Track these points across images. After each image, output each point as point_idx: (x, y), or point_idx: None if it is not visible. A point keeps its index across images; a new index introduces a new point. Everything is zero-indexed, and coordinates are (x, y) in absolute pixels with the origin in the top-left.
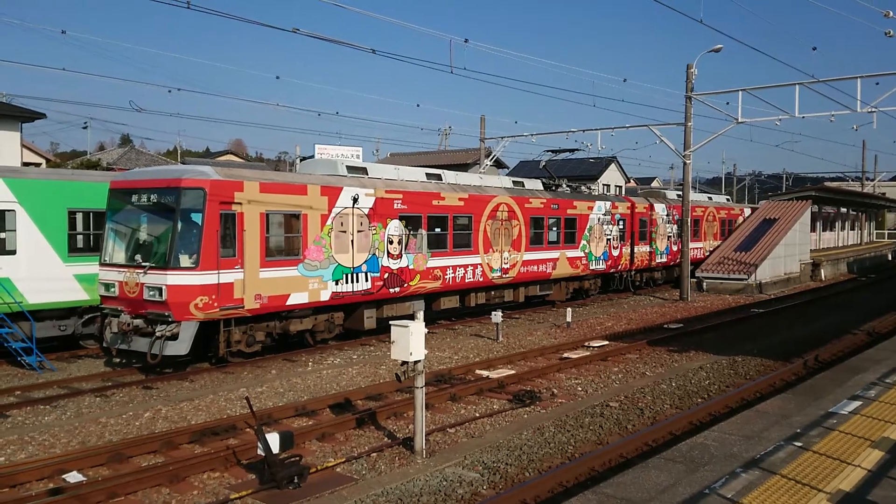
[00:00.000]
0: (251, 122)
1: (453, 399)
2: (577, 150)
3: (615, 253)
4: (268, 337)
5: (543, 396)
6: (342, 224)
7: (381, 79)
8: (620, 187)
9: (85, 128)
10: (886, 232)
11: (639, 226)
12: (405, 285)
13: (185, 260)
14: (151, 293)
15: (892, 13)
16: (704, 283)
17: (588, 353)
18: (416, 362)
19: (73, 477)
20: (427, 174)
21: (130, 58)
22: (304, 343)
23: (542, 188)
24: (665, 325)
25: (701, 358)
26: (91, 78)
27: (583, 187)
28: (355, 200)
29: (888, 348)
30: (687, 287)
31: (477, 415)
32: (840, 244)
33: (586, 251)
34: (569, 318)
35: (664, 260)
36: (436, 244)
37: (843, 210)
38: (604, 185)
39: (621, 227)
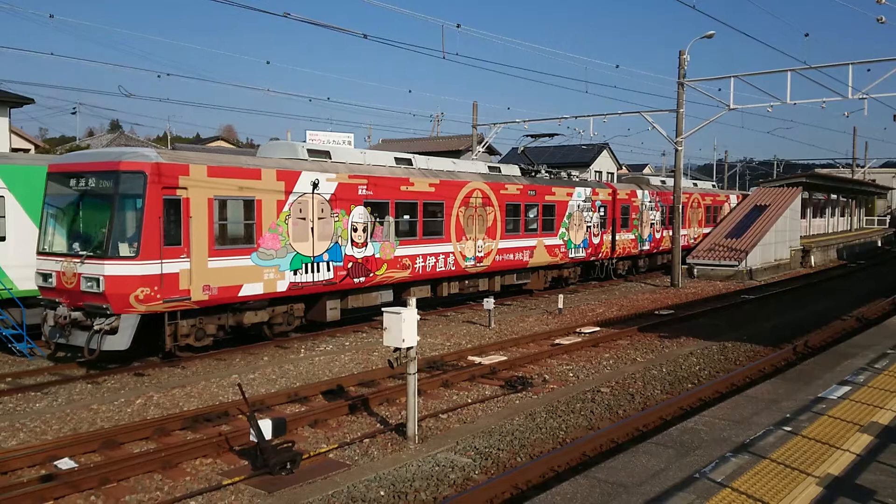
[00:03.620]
0: (242, 107)
1: (445, 385)
2: (556, 134)
3: (596, 240)
4: (220, 330)
5: (535, 382)
6: (301, 211)
7: (372, 64)
8: (612, 174)
9: (74, 113)
10: (876, 218)
11: (620, 213)
12: (371, 275)
13: (124, 249)
14: (89, 284)
15: (883, 0)
16: (695, 270)
17: (579, 340)
18: (408, 349)
19: (65, 463)
20: (396, 158)
21: (120, 43)
22: (262, 336)
23: (519, 174)
24: (656, 312)
25: (691, 344)
26: (80, 63)
27: (562, 173)
28: (315, 186)
29: (877, 334)
30: (678, 273)
31: (469, 401)
32: (830, 231)
33: (565, 239)
34: (560, 305)
35: (647, 247)
36: (405, 232)
37: (834, 197)
38: (596, 171)
39: (602, 214)
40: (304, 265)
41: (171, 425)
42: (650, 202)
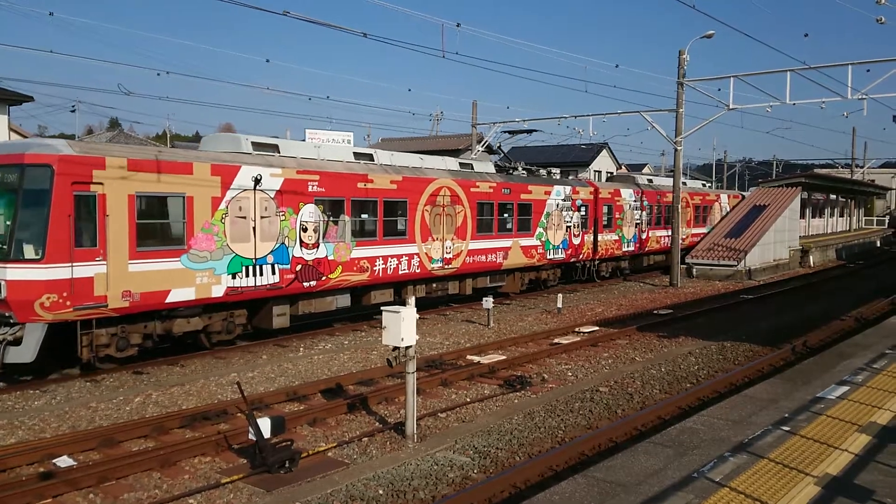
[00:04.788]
0: (241, 105)
1: (444, 384)
2: (534, 130)
3: (576, 241)
4: (147, 339)
5: (534, 381)
6: (241, 209)
7: (372, 63)
8: (612, 173)
9: (73, 111)
10: (875, 219)
11: (603, 212)
12: (324, 278)
13: (29, 250)
14: None
15: (884, 0)
16: (694, 270)
17: (578, 339)
18: (407, 348)
19: (64, 461)
20: (356, 153)
21: (119, 40)
22: (199, 346)
23: (493, 171)
24: (655, 311)
25: (690, 343)
26: (79, 61)
27: (541, 171)
28: (257, 181)
29: (876, 334)
30: (677, 273)
31: (468, 400)
32: (829, 231)
33: (543, 239)
34: (559, 305)
35: (631, 248)
36: (362, 232)
37: (833, 197)
38: (595, 171)
39: (583, 213)
40: (244, 268)
41: (169, 423)
42: (635, 202)
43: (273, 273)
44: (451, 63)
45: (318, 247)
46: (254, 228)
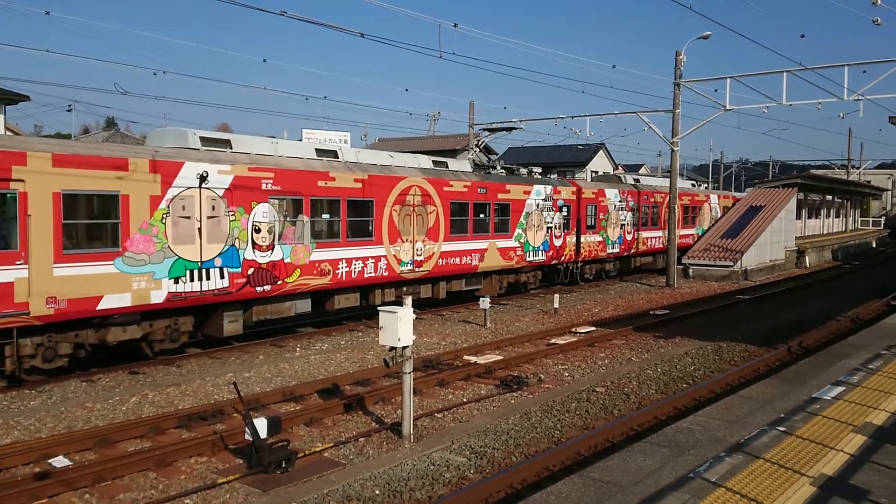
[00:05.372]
0: (238, 105)
1: (441, 384)
2: (514, 128)
3: (558, 243)
4: (79, 349)
5: (531, 382)
6: (184, 208)
7: (369, 63)
8: (608, 174)
9: (69, 110)
10: (871, 219)
11: (586, 213)
12: (280, 282)
13: None
14: None
15: (880, 1)
16: (691, 270)
17: (575, 339)
18: (404, 348)
19: (60, 461)
20: (318, 150)
21: (116, 40)
22: (142, 355)
23: (470, 170)
24: (651, 312)
25: (686, 344)
26: (75, 60)
27: (521, 170)
28: (203, 179)
29: (871, 334)
30: (673, 274)
31: (464, 400)
32: (825, 231)
33: (522, 241)
34: (556, 305)
35: (617, 250)
36: (324, 233)
37: (829, 198)
38: (592, 171)
39: (565, 214)
40: (188, 272)
41: (165, 424)
42: (620, 202)
43: (222, 277)
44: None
45: (272, 249)
46: (199, 229)
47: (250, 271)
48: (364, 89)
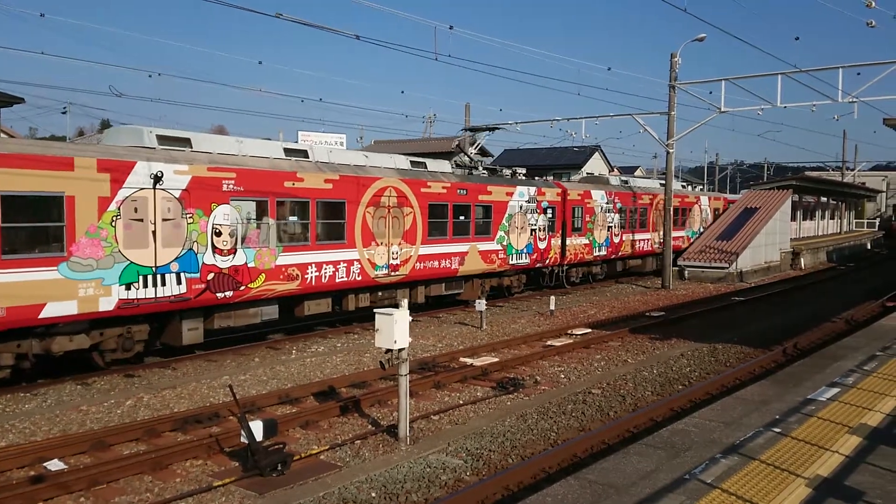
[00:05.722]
0: (234, 107)
1: (437, 386)
2: (496, 128)
3: (542, 245)
4: (22, 360)
5: (527, 384)
6: (137, 210)
7: (365, 65)
8: (614, 177)
9: (64, 112)
10: (866, 221)
11: (572, 215)
12: (243, 288)
13: None
14: None
15: (874, 4)
16: (686, 272)
17: (571, 341)
18: (400, 350)
19: (55, 465)
20: (287, 149)
21: (111, 42)
22: (94, 365)
23: (450, 170)
24: (647, 313)
25: (682, 345)
26: (70, 62)
27: (504, 171)
28: (158, 179)
29: (866, 336)
30: (668, 275)
31: (461, 402)
32: (820, 233)
33: (504, 244)
34: (552, 307)
35: (603, 253)
36: (291, 236)
37: (824, 199)
38: (588, 173)
39: (550, 216)
40: (141, 277)
41: (161, 427)
42: (607, 204)
43: (178, 283)
44: (444, 65)
45: (234, 253)
46: (153, 232)
47: (210, 276)
48: (360, 91)
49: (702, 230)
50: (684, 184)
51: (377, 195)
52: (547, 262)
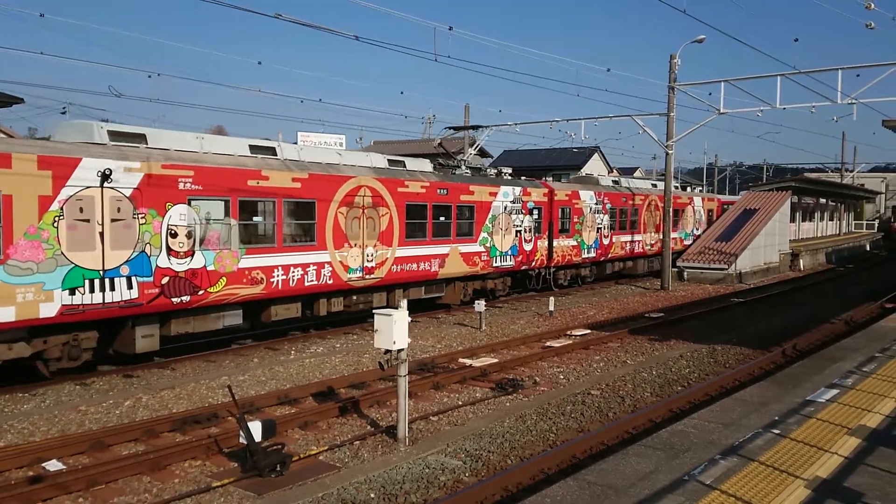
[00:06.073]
0: (233, 108)
1: (436, 387)
2: (479, 127)
3: (528, 247)
4: None
5: (526, 384)
6: (82, 210)
7: (364, 66)
8: (604, 177)
9: (63, 113)
10: (865, 223)
11: (559, 216)
12: (201, 293)
13: None
14: None
15: (873, 5)
16: (685, 273)
17: (570, 342)
18: (399, 351)
19: (53, 465)
20: (252, 146)
21: (110, 42)
22: (39, 375)
23: (430, 169)
24: (646, 314)
25: (681, 346)
26: (70, 62)
27: (489, 170)
28: (106, 177)
29: (865, 337)
30: (668, 277)
31: (460, 403)
32: (819, 235)
33: (488, 245)
34: (551, 307)
35: (592, 255)
36: (255, 238)
37: (823, 201)
38: (587, 174)
39: (536, 217)
40: (87, 282)
41: (160, 427)
42: (596, 204)
43: (129, 287)
44: (444, 66)
45: (192, 255)
46: (101, 234)
47: (165, 280)
48: (359, 92)
49: (695, 231)
50: (677, 185)
51: (350, 195)
52: (533, 264)
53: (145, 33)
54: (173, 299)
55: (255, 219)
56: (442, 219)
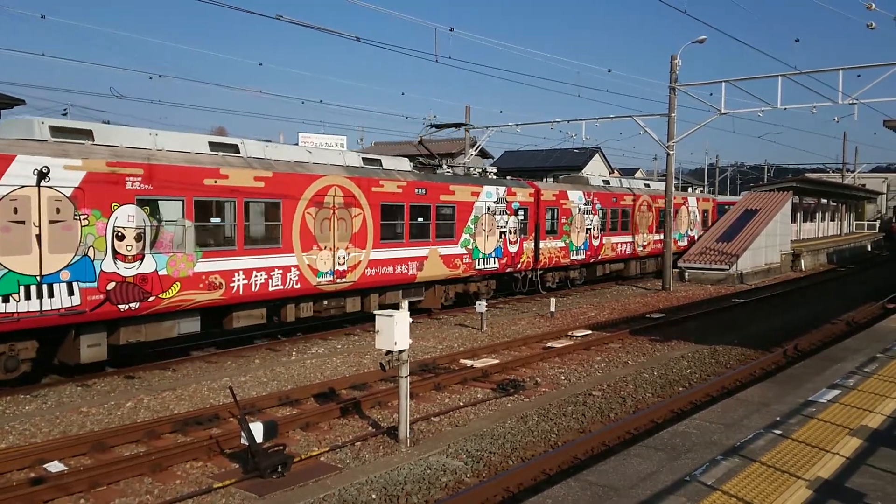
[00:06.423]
0: (234, 109)
1: (437, 388)
2: (462, 125)
3: (513, 249)
4: None
5: (527, 385)
6: (17, 211)
7: (365, 67)
8: (595, 177)
9: (65, 114)
10: (866, 223)
11: (546, 217)
12: (152, 298)
13: None
14: None
15: (874, 6)
16: (686, 273)
17: (571, 343)
18: (400, 352)
19: (55, 466)
20: (212, 143)
21: (111, 44)
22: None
23: (408, 168)
24: (647, 315)
25: (682, 347)
26: (71, 64)
27: (473, 169)
28: (43, 175)
29: (867, 338)
30: (669, 277)
31: (461, 404)
32: (820, 235)
33: (470, 247)
34: (552, 308)
35: (582, 257)
36: (213, 240)
37: (824, 201)
38: (588, 175)
39: (522, 217)
40: (23, 288)
41: (161, 428)
42: (585, 205)
43: (70, 293)
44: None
45: (141, 259)
46: (38, 236)
47: (110, 286)
48: (360, 93)
49: (689, 232)
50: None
51: (320, 194)
52: (518, 266)
53: (146, 34)
54: (120, 306)
55: (213, 220)
56: (420, 220)
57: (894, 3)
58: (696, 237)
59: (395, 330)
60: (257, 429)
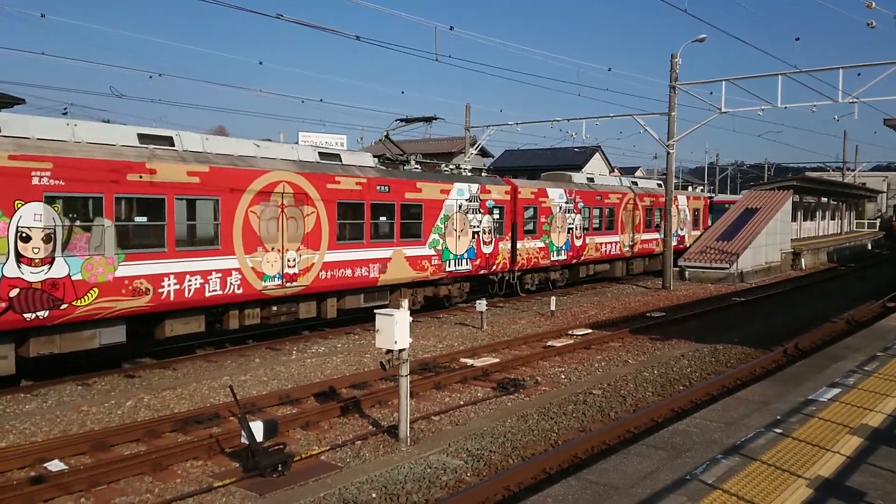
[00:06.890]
0: (234, 108)
1: (438, 387)
2: (433, 118)
3: (487, 250)
4: None
5: (527, 384)
6: None
7: (365, 66)
8: (605, 177)
9: (65, 113)
10: (866, 221)
11: (524, 216)
12: (65, 306)
13: None
14: None
15: (874, 4)
16: (687, 272)
17: (571, 342)
18: (400, 351)
19: (55, 465)
20: (142, 135)
21: (111, 43)
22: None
23: (372, 164)
24: (647, 314)
25: (683, 346)
26: (71, 63)
27: (445, 166)
28: None
29: (867, 336)
30: (669, 276)
31: (461, 403)
32: (821, 234)
33: (439, 248)
34: (552, 307)
35: (563, 257)
36: (138, 241)
37: (824, 200)
38: (588, 173)
39: (497, 216)
40: None
41: (161, 427)
42: (567, 203)
43: None
44: (445, 66)
45: (51, 263)
46: None
47: (13, 293)
48: (360, 92)
49: (679, 231)
50: (659, 182)
51: (265, 191)
52: (494, 268)
53: (146, 34)
54: (26, 315)
55: (137, 219)
56: (383, 219)
57: (894, 2)
58: (685, 237)
59: (396, 329)
60: (257, 428)
